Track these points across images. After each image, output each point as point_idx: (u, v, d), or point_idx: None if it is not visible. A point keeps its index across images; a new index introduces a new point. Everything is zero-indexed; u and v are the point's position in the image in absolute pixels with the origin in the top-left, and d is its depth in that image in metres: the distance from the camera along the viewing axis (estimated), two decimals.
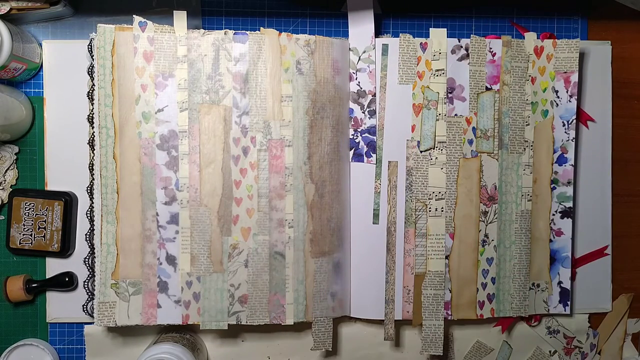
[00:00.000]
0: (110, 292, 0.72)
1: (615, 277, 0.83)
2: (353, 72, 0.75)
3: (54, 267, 0.77)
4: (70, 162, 0.76)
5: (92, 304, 0.74)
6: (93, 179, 0.73)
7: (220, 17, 0.78)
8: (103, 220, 0.72)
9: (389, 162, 0.76)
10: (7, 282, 0.74)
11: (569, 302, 0.79)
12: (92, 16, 0.77)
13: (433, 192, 0.76)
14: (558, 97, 0.78)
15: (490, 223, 0.77)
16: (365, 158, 0.76)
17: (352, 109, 0.76)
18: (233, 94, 0.73)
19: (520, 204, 0.77)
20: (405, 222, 0.76)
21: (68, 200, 0.74)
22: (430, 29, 0.76)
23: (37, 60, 0.75)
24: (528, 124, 0.77)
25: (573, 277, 0.81)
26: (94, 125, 0.73)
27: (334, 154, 0.74)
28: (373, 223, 0.76)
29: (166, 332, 0.76)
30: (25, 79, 0.76)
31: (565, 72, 0.77)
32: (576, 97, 0.78)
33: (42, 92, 0.76)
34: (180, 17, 0.72)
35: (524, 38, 0.77)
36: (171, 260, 0.73)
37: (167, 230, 0.73)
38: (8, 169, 0.76)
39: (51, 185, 0.76)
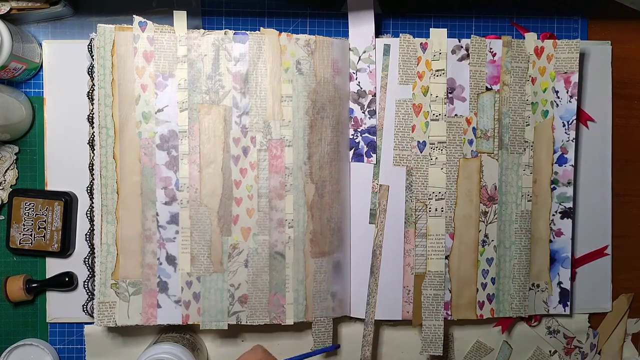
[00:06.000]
0: (110, 292, 0.72)
1: (615, 277, 0.83)
2: (353, 72, 0.75)
3: (54, 267, 0.77)
4: (70, 162, 0.76)
5: (92, 304, 0.74)
6: (93, 179, 0.73)
7: (220, 17, 0.78)
8: (103, 220, 0.72)
9: (380, 185, 0.76)
10: (7, 282, 0.74)
11: (568, 303, 0.79)
12: (92, 16, 0.77)
13: (433, 192, 0.76)
14: (558, 98, 0.78)
15: (490, 223, 0.77)
16: (365, 158, 0.76)
17: (352, 109, 0.76)
18: (233, 94, 0.73)
19: (520, 204, 0.77)
20: (405, 222, 0.76)
21: (68, 200, 0.74)
22: (430, 29, 0.76)
23: (37, 60, 0.75)
24: (528, 125, 0.77)
25: (573, 278, 0.81)
26: (94, 125, 0.73)
27: (334, 154, 0.74)
28: (369, 223, 0.76)
29: (166, 332, 0.76)
30: (25, 79, 0.76)
31: (565, 73, 0.77)
32: (576, 97, 0.78)
33: (42, 92, 0.76)
34: (180, 17, 0.72)
35: (524, 38, 0.77)
36: (171, 260, 0.73)
37: (167, 230, 0.73)
38: (8, 169, 0.76)
39: (51, 185, 0.76)
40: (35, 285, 0.75)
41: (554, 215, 0.79)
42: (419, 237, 0.76)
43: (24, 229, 0.74)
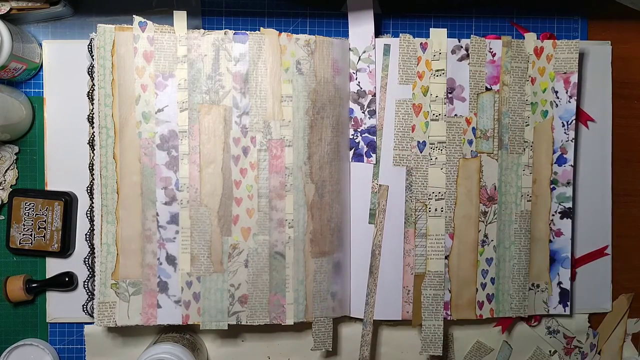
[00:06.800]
0: (110, 292, 0.72)
1: (615, 277, 0.83)
2: (353, 72, 0.75)
3: (54, 267, 0.77)
4: (70, 162, 0.76)
5: (92, 304, 0.74)
6: (93, 179, 0.73)
7: (220, 17, 0.78)
8: (103, 220, 0.72)
9: (380, 185, 0.76)
10: (7, 282, 0.74)
11: (568, 303, 0.79)
12: (92, 16, 0.77)
13: (433, 192, 0.76)
14: (558, 98, 0.78)
15: (489, 223, 0.77)
16: (365, 158, 0.76)
17: (352, 109, 0.76)
18: (233, 94, 0.73)
19: (520, 204, 0.77)
20: (405, 222, 0.76)
21: (68, 200, 0.74)
22: (430, 29, 0.76)
23: (37, 60, 0.75)
24: (528, 125, 0.77)
25: (573, 278, 0.81)
26: (94, 125, 0.73)
27: (334, 154, 0.74)
28: (369, 223, 0.76)
29: (166, 332, 0.76)
30: (25, 79, 0.76)
31: (564, 73, 0.77)
32: (576, 97, 0.78)
33: (42, 92, 0.76)
34: (180, 17, 0.72)
35: (524, 38, 0.77)
36: (171, 260, 0.73)
37: (167, 230, 0.73)
38: (8, 169, 0.76)
39: (51, 185, 0.76)
40: (35, 285, 0.75)
41: (553, 215, 0.79)
42: (419, 237, 0.76)
43: (24, 229, 0.74)
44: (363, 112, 0.76)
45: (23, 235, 0.74)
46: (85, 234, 0.76)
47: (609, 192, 0.83)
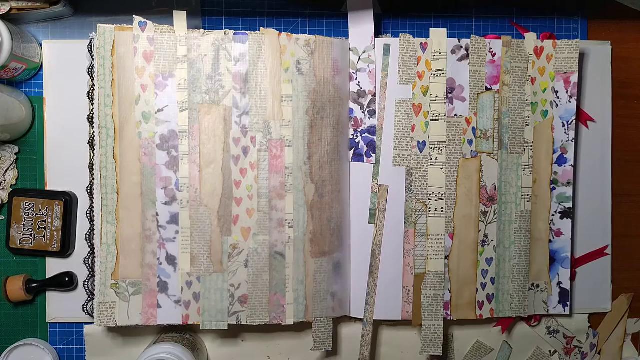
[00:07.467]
0: (110, 292, 0.72)
1: (615, 277, 0.83)
2: (353, 72, 0.75)
3: (54, 267, 0.77)
4: (70, 162, 0.76)
5: (92, 304, 0.74)
6: (93, 179, 0.74)
7: (220, 17, 0.78)
8: (103, 220, 0.72)
9: (380, 185, 0.76)
10: (7, 282, 0.74)
11: (568, 303, 0.79)
12: (92, 16, 0.77)
13: (433, 192, 0.76)
14: (558, 98, 0.78)
15: (489, 223, 0.77)
16: (365, 158, 0.76)
17: (352, 109, 0.76)
18: (233, 94, 0.73)
19: (520, 204, 0.77)
20: (405, 222, 0.76)
21: (68, 200, 0.74)
22: (430, 29, 0.76)
23: (37, 60, 0.75)
24: (528, 125, 0.77)
25: (573, 278, 0.81)
26: (94, 125, 0.73)
27: (334, 154, 0.74)
28: (369, 223, 0.76)
29: (166, 332, 0.76)
30: (25, 79, 0.76)
31: (565, 73, 0.77)
32: (576, 97, 0.78)
33: (42, 92, 0.76)
34: (180, 17, 0.72)
35: (524, 38, 0.77)
36: (171, 260, 0.73)
37: (167, 230, 0.73)
38: (8, 169, 0.76)
39: (51, 185, 0.76)
40: (35, 285, 0.75)
41: (553, 215, 0.79)
42: (419, 237, 0.76)
43: (24, 229, 0.74)
44: (363, 112, 0.76)
45: (23, 235, 0.74)
46: (85, 234, 0.76)
47: (609, 192, 0.83)
